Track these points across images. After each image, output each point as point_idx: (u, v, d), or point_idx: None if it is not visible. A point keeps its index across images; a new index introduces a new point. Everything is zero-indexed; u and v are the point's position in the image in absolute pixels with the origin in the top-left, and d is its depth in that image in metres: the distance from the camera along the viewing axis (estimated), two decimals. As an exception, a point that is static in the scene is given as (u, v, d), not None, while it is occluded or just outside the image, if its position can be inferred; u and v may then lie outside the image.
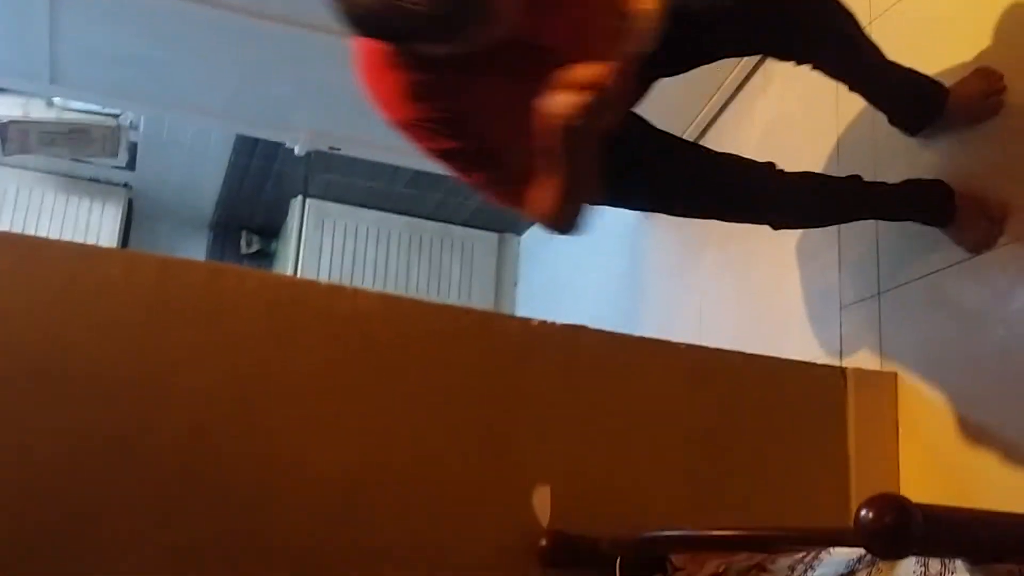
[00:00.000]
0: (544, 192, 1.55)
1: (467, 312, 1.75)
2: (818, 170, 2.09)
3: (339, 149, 3.00)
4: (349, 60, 2.67)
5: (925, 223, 1.86)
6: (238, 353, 1.50)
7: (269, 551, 1.43)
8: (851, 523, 0.82)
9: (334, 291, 1.60)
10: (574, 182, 1.52)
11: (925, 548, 0.85)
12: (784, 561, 1.16)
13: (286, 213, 4.32)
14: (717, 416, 1.78)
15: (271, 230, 4.52)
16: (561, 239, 3.85)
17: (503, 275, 4.64)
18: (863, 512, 0.83)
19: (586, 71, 1.36)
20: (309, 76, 2.75)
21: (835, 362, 2.08)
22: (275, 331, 1.52)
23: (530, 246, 4.63)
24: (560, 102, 1.38)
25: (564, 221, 1.66)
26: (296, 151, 2.93)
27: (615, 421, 1.71)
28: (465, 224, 4.60)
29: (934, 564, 0.92)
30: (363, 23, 1.34)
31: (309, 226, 4.24)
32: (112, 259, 1.57)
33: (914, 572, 0.94)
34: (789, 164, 1.85)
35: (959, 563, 0.89)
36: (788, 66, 1.79)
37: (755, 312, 2.54)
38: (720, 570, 1.30)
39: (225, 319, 1.47)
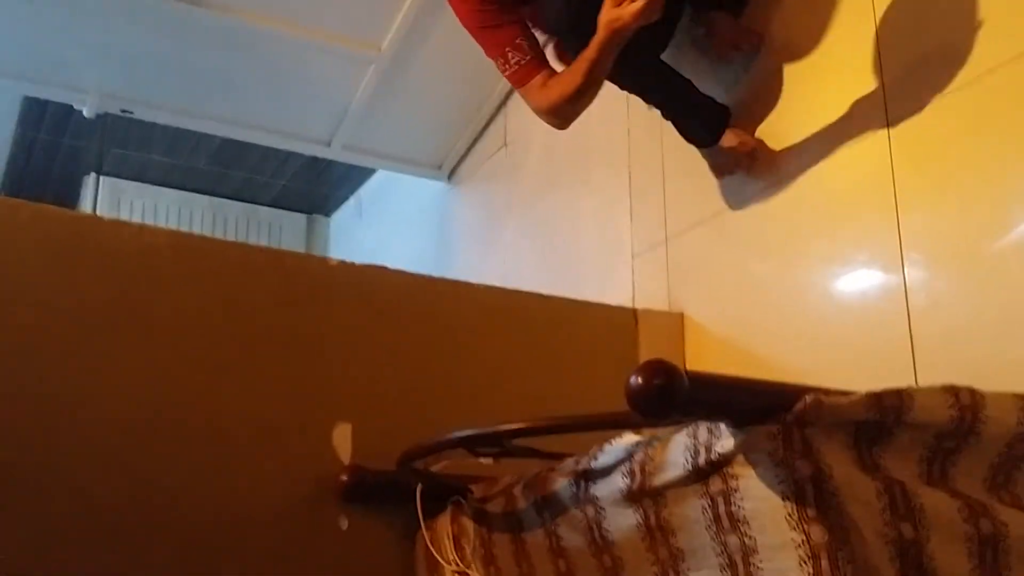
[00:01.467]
0: (562, 85, 1.80)
1: (262, 250, 1.72)
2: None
3: (131, 112, 2.88)
4: (140, 18, 2.60)
5: (700, 133, 2.02)
6: (13, 288, 1.41)
7: (50, 493, 1.36)
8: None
9: (118, 226, 1.53)
10: (594, 81, 1.77)
11: (691, 409, 0.90)
12: (569, 461, 1.20)
13: (79, 192, 4.11)
14: (514, 353, 1.82)
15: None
16: (367, 216, 3.85)
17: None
18: (633, 378, 0.86)
19: None
20: (99, 34, 2.64)
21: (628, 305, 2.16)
22: (53, 266, 1.45)
23: (340, 226, 4.59)
24: (612, 13, 1.65)
25: (565, 113, 1.86)
26: (85, 112, 2.80)
27: (415, 359, 1.72)
28: (272, 205, 4.51)
29: (702, 434, 0.97)
30: None
31: (104, 206, 4.03)
32: None
33: (685, 446, 0.99)
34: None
35: (723, 428, 0.94)
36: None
37: (556, 269, 2.62)
38: (514, 481, 1.33)
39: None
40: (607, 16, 1.67)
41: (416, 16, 2.66)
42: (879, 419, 0.92)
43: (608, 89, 1.82)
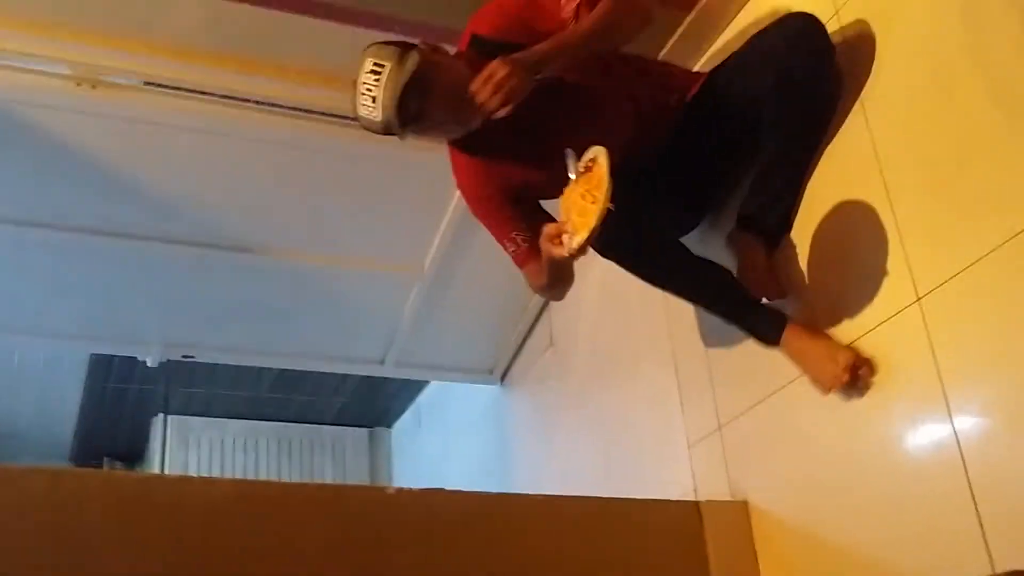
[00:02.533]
0: (537, 276, 1.98)
1: (320, 487, 1.77)
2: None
3: (193, 356, 3.02)
4: (194, 268, 2.76)
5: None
6: (89, 555, 1.47)
7: None
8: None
9: (183, 482, 1.59)
10: (557, 277, 1.96)
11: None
12: None
13: (148, 434, 4.24)
14: (580, 562, 1.81)
15: (135, 454, 4.41)
16: (427, 424, 3.91)
17: (377, 469, 4.62)
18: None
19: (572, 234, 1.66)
20: (156, 287, 2.80)
21: (690, 498, 2.15)
22: (123, 529, 1.50)
23: (401, 436, 4.64)
24: (554, 250, 1.71)
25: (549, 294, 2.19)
26: (149, 363, 2.93)
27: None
28: (334, 423, 4.60)
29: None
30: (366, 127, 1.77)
31: (173, 443, 4.15)
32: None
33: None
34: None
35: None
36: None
37: (613, 465, 2.62)
38: None
39: (69, 521, 1.45)
40: (544, 248, 1.75)
41: (454, 234, 2.78)
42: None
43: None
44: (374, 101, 1.70)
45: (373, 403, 4.46)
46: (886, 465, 1.72)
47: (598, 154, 1.63)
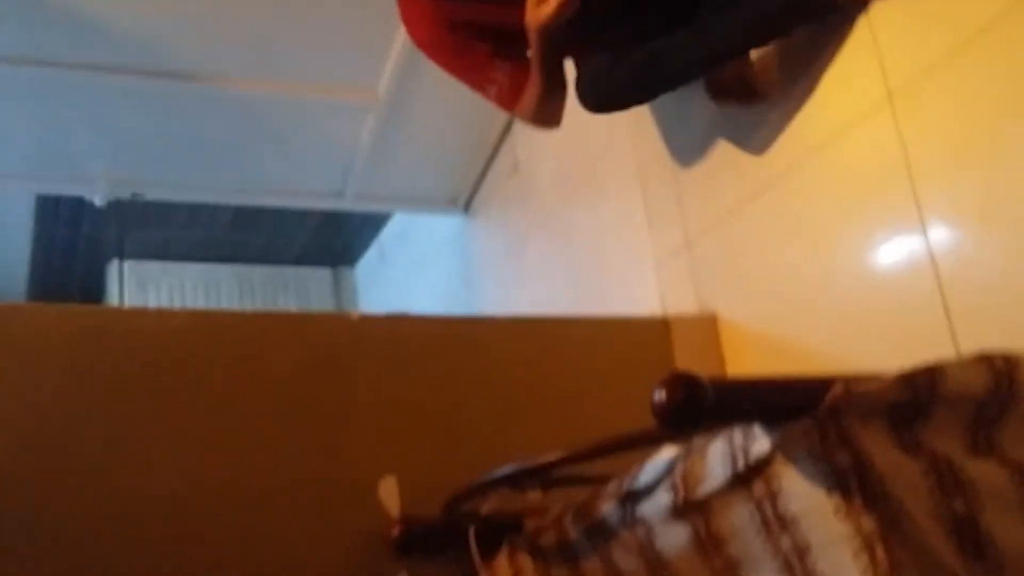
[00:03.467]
0: (529, 92, 1.85)
1: (282, 315, 1.72)
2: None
3: (142, 194, 2.92)
4: (136, 99, 2.63)
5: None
6: (46, 388, 1.43)
7: (96, 571, 1.37)
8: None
9: (139, 315, 1.55)
10: (550, 81, 1.82)
11: (720, 416, 0.89)
12: (613, 484, 1.19)
13: (104, 282, 4.16)
14: (549, 380, 1.81)
15: (92, 303, 4.35)
16: (391, 260, 3.86)
17: (342, 309, 4.60)
18: (657, 394, 0.86)
19: None
20: (97, 120, 2.68)
21: (659, 315, 2.14)
22: (81, 361, 1.46)
23: (365, 274, 4.61)
24: (532, 12, 1.67)
25: (544, 117, 1.94)
26: (97, 202, 2.83)
27: (449, 401, 1.71)
28: (296, 263, 4.54)
29: (738, 439, 0.95)
30: None
31: (131, 290, 4.08)
32: None
33: (723, 453, 0.97)
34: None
35: (757, 429, 0.93)
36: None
37: (582, 286, 2.60)
38: (564, 513, 1.32)
39: (22, 354, 1.41)
40: (529, 16, 1.69)
41: (407, 57, 2.67)
42: (913, 399, 0.90)
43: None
44: None
45: (335, 241, 4.40)
46: (855, 269, 1.70)
47: None
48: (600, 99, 1.81)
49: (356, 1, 2.50)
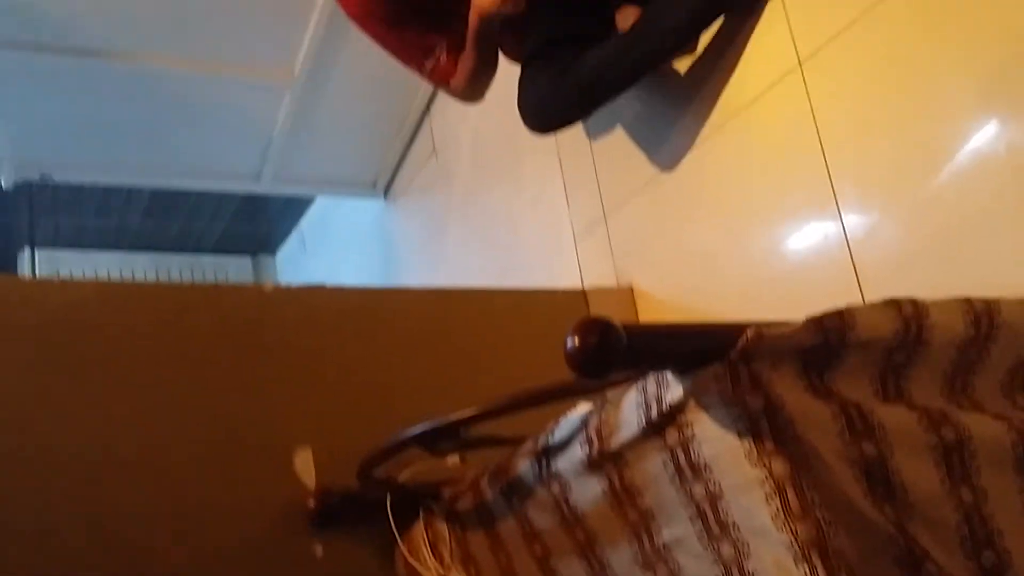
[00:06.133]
0: (462, 69, 1.88)
1: (194, 287, 1.68)
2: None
3: (51, 176, 2.82)
4: (43, 77, 2.55)
5: None
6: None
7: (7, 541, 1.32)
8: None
9: (42, 285, 1.49)
10: (483, 60, 1.86)
11: (632, 362, 0.88)
12: (529, 442, 1.18)
13: (15, 270, 4.03)
14: (468, 351, 1.79)
15: (3, 291, 4.21)
16: (313, 247, 3.81)
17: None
18: (569, 340, 0.84)
19: None
20: (6, 100, 2.59)
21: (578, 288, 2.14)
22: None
23: (287, 262, 4.54)
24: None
25: (472, 94, 1.99)
26: (3, 184, 2.73)
27: (366, 372, 1.69)
28: (215, 251, 4.46)
29: (651, 387, 0.95)
30: None
31: (44, 278, 3.97)
32: None
33: (636, 402, 0.97)
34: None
35: (670, 377, 0.92)
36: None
37: (503, 267, 2.59)
38: (480, 474, 1.31)
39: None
40: (475, 3, 1.72)
41: (324, 35, 2.63)
42: (824, 343, 0.91)
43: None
44: None
45: (255, 228, 4.33)
46: (768, 239, 1.71)
47: None
48: (546, 122, 1.84)
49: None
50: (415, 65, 1.92)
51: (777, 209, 1.69)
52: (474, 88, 1.96)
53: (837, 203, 1.55)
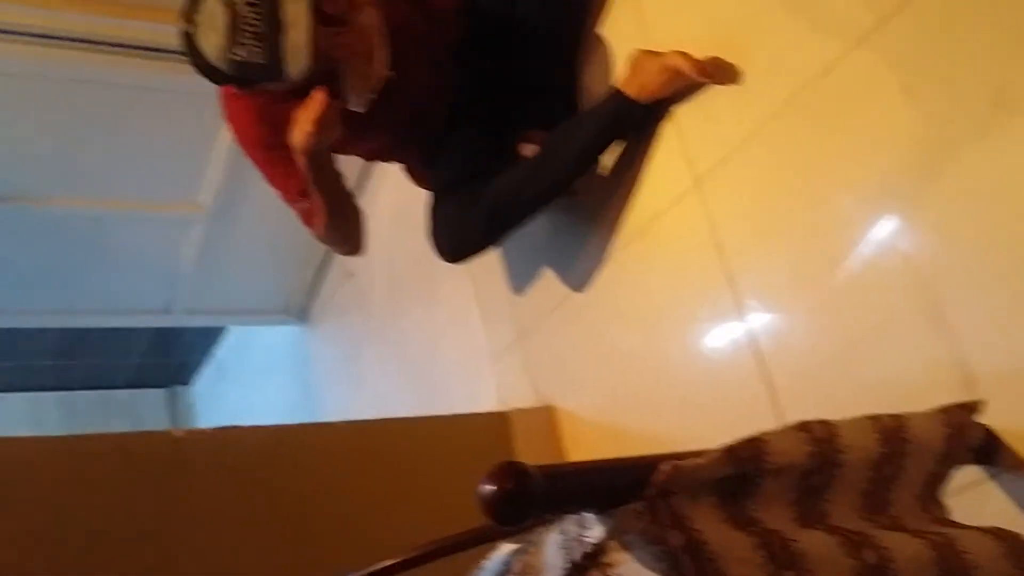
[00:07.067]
0: (316, 212, 1.80)
1: (101, 437, 1.61)
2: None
3: (-48, 322, 2.74)
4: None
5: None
6: None
7: None
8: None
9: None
10: (331, 202, 1.78)
11: (550, 506, 0.86)
12: (455, 585, 1.15)
13: (-83, 417, 3.88)
14: (391, 483, 1.76)
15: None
16: (229, 375, 3.72)
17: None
18: (484, 488, 0.83)
19: (305, 110, 1.60)
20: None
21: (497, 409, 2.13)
22: None
23: (203, 392, 4.44)
24: (294, 136, 1.63)
25: (337, 242, 1.94)
26: (-101, 333, 2.64)
27: (284, 512, 1.65)
28: (128, 386, 4.35)
29: (571, 528, 0.93)
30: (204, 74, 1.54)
31: (-54, 424, 3.83)
32: None
33: (558, 544, 0.95)
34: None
35: (590, 517, 0.91)
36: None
37: (422, 389, 2.57)
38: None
39: None
40: (291, 145, 1.65)
41: (231, 166, 2.62)
42: (740, 472, 0.90)
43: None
44: (259, 40, 1.47)
45: (168, 360, 4.24)
46: (680, 352, 1.73)
47: None
48: (457, 251, 1.84)
49: (173, 110, 2.44)
50: (291, 202, 1.86)
51: (686, 321, 1.71)
52: (336, 235, 1.89)
53: (741, 311, 1.58)
